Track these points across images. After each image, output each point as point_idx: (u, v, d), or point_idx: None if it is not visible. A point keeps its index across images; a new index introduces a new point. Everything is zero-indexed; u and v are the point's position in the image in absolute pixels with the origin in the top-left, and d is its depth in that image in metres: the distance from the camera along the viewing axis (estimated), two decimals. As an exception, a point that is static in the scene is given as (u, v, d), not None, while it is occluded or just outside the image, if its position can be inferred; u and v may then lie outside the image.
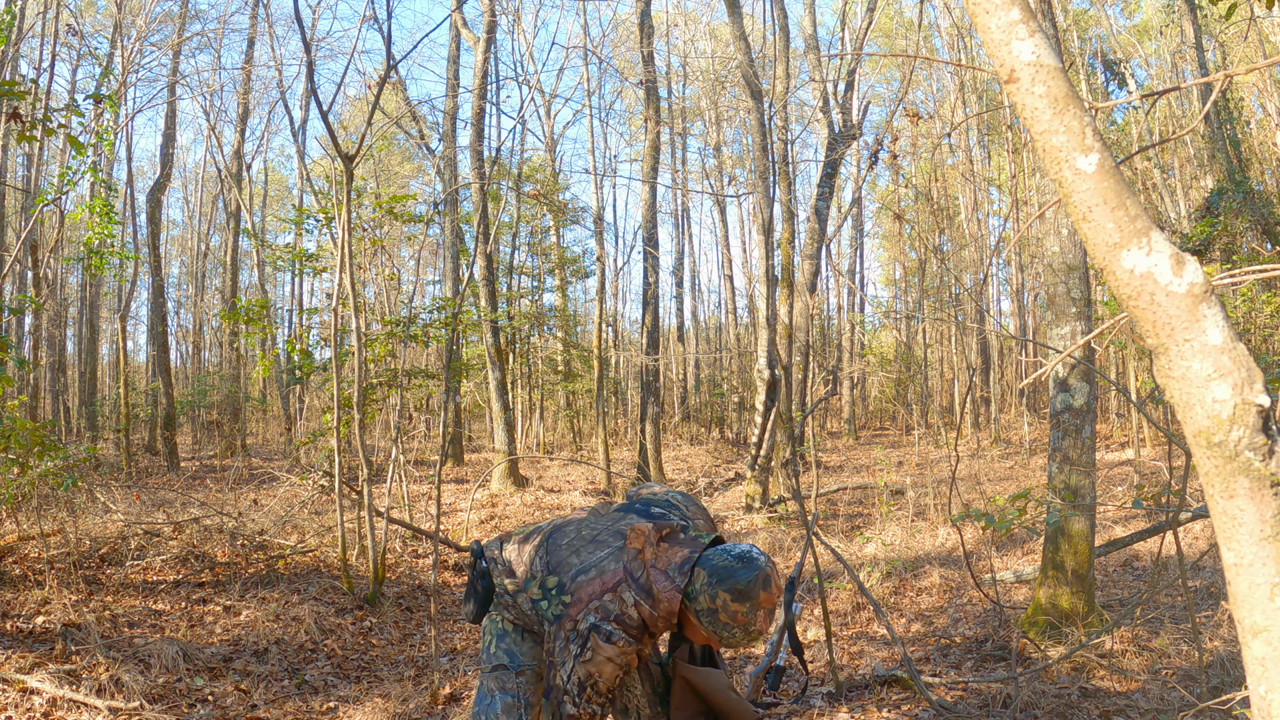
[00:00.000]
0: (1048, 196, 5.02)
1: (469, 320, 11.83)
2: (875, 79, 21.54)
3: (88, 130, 8.50)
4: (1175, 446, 4.48)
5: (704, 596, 2.01)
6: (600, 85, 21.87)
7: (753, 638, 2.03)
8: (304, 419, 16.41)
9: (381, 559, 5.65)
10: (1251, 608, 1.22)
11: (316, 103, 5.63)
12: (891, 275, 29.03)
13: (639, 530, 2.12)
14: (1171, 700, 3.50)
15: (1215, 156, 12.03)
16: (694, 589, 2.03)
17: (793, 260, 9.94)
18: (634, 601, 2.03)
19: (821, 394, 15.04)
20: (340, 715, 3.90)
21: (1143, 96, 2.22)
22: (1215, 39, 14.29)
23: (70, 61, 17.15)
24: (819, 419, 20.48)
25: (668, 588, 2.04)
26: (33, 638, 4.15)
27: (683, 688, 2.38)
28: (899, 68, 18.85)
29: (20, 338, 14.50)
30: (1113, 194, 1.30)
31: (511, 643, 2.26)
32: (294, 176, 28.54)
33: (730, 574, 2.01)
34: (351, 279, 5.54)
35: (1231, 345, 1.22)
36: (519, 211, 18.29)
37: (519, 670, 2.22)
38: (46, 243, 14.59)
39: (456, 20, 13.83)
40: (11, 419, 5.30)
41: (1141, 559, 6.13)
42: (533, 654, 2.24)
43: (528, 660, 2.23)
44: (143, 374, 23.01)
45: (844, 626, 5.13)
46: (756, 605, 2.00)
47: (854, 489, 10.38)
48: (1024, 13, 1.36)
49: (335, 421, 5.54)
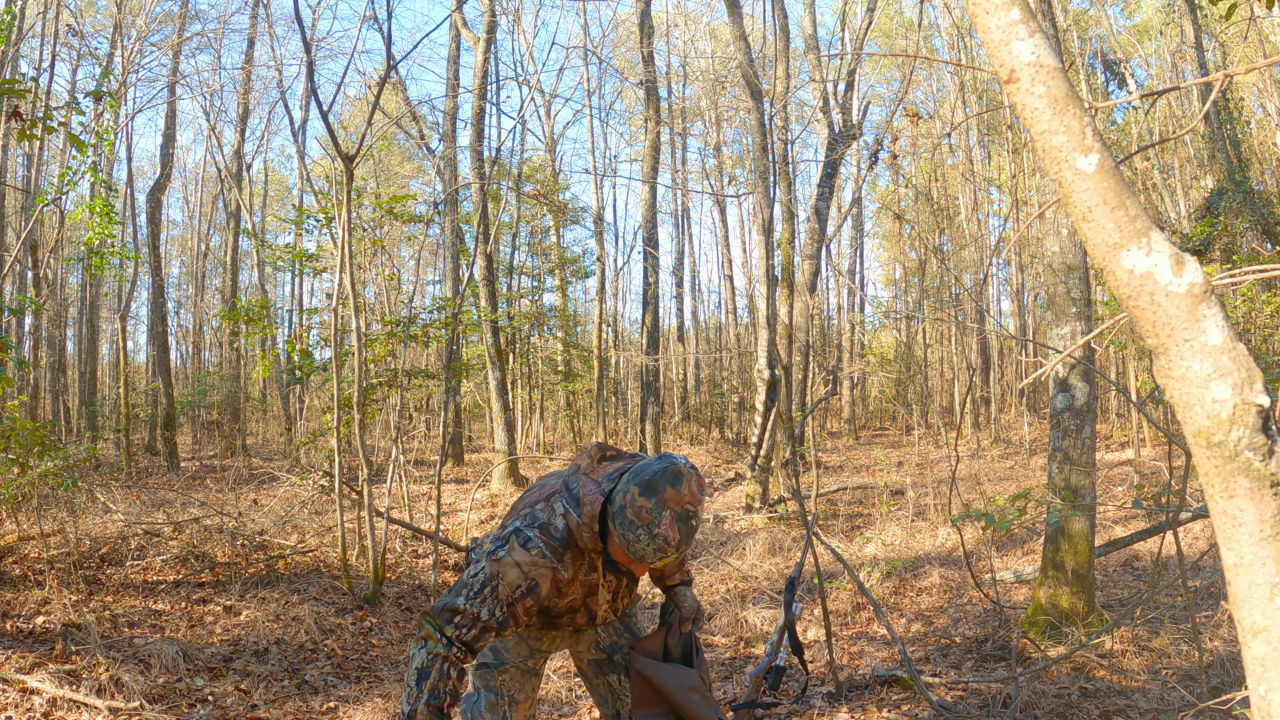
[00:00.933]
0: (1048, 196, 5.02)
1: (469, 320, 11.83)
2: (875, 79, 21.55)
3: (88, 130, 8.50)
4: (1175, 446, 4.48)
5: (619, 496, 1.89)
6: (600, 85, 21.90)
7: (659, 548, 1.84)
8: (304, 419, 16.41)
9: (381, 559, 5.65)
10: (1251, 608, 1.22)
11: (316, 103, 5.63)
12: (891, 275, 29.04)
13: (584, 449, 2.10)
14: (1171, 700, 3.50)
15: (1215, 156, 12.03)
16: (615, 491, 1.93)
17: (793, 260, 9.94)
18: (563, 511, 1.96)
19: (821, 394, 15.04)
20: (340, 715, 3.90)
21: (1143, 96, 2.22)
22: (1215, 39, 14.29)
23: (70, 61, 17.16)
24: (819, 419, 20.48)
25: (593, 492, 1.96)
26: (33, 638, 4.15)
27: (640, 682, 2.27)
28: (899, 68, 18.85)
29: (20, 338, 14.50)
30: (1113, 194, 1.30)
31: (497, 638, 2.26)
32: (294, 176, 28.55)
33: (645, 469, 1.89)
34: (351, 279, 5.54)
35: (1231, 345, 1.22)
36: (519, 211, 18.29)
37: (501, 668, 2.22)
38: (46, 243, 14.59)
39: (456, 20, 13.83)
40: (11, 419, 5.30)
41: (1141, 559, 6.13)
42: (517, 649, 2.24)
43: (511, 657, 2.23)
44: (143, 374, 23.02)
45: (844, 626, 5.13)
46: (663, 502, 1.83)
47: (854, 489, 10.38)
48: (1024, 13, 1.36)
49: (335, 421, 5.54)
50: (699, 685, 2.26)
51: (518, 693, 2.22)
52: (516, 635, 2.26)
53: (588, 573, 2.06)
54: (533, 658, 2.27)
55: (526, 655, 2.25)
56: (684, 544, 1.87)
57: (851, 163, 19.88)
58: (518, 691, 2.22)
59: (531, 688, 2.27)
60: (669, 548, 1.85)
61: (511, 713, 2.19)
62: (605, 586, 2.14)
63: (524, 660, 2.24)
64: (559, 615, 2.17)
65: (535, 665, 2.28)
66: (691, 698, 2.24)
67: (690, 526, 1.87)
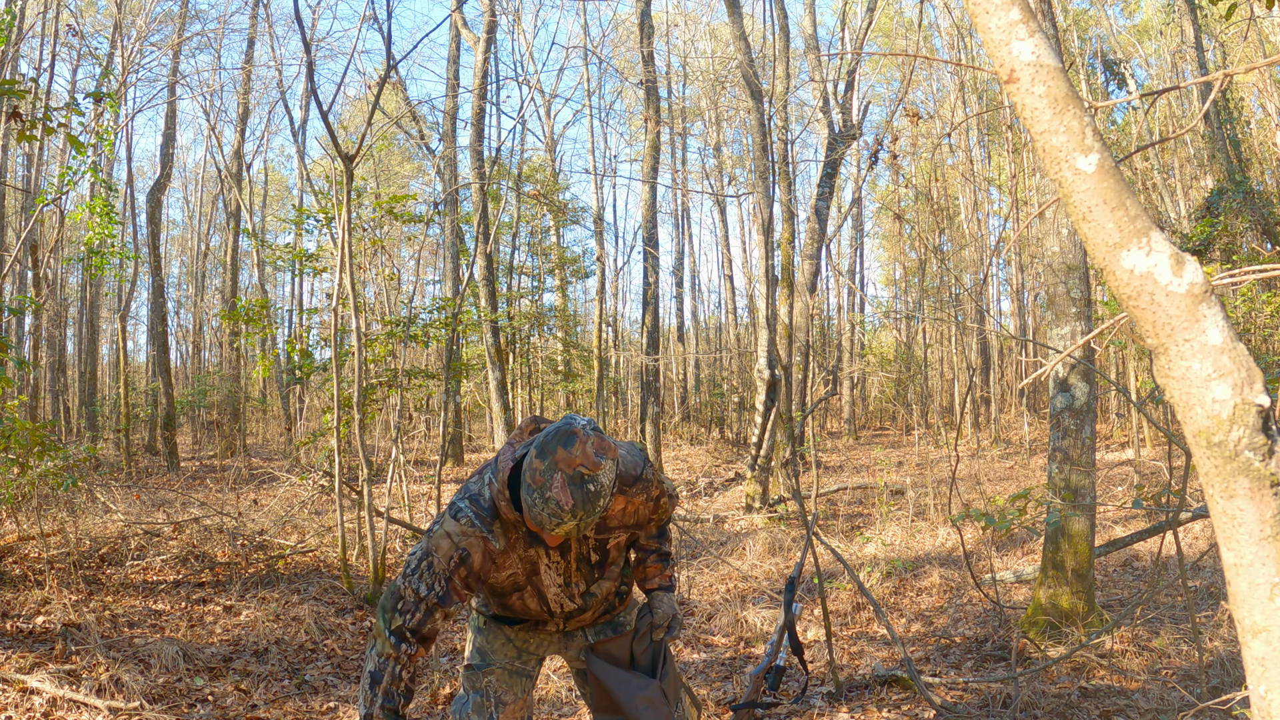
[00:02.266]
0: (1048, 196, 5.02)
1: (469, 320, 11.83)
2: (875, 79, 21.56)
3: (88, 130, 8.50)
4: (1175, 446, 4.48)
5: (524, 461, 1.84)
6: (600, 85, 21.90)
7: (553, 513, 1.75)
8: (304, 419, 16.40)
9: (381, 559, 5.65)
10: (1251, 608, 1.22)
11: (316, 103, 5.63)
12: (891, 275, 29.05)
13: (518, 423, 2.10)
14: (1171, 700, 3.49)
15: (1215, 156, 12.03)
16: (524, 458, 1.89)
17: (793, 260, 9.94)
18: (489, 480, 1.95)
19: (821, 394, 15.04)
20: (340, 715, 3.90)
21: (1143, 96, 2.23)
22: (1215, 39, 14.29)
23: (70, 61, 17.16)
24: (819, 419, 20.48)
25: (506, 458, 1.93)
26: (33, 638, 4.15)
27: (596, 686, 2.20)
28: (899, 68, 18.85)
29: (20, 338, 14.50)
30: (1113, 194, 1.30)
31: (484, 639, 2.24)
32: (294, 176, 28.55)
33: (545, 432, 1.82)
34: (351, 279, 5.54)
35: (1231, 345, 1.22)
36: (519, 211, 18.29)
37: (487, 669, 2.20)
38: (46, 243, 14.59)
39: (456, 20, 13.83)
40: (11, 419, 5.30)
41: (1141, 559, 6.13)
42: (504, 650, 2.22)
43: (498, 658, 2.21)
44: (143, 374, 23.02)
45: (844, 626, 5.13)
46: (554, 464, 1.75)
47: (854, 489, 10.38)
48: (1024, 13, 1.36)
49: (335, 421, 5.54)
50: (652, 697, 2.13)
51: (505, 694, 2.18)
52: (504, 636, 2.22)
53: (525, 547, 1.99)
54: (521, 658, 2.23)
55: (514, 656, 2.22)
56: (580, 509, 1.76)
57: (851, 163, 19.88)
58: (505, 693, 2.18)
59: (521, 689, 2.22)
60: (562, 512, 1.75)
61: (499, 714, 2.16)
62: (552, 567, 2.04)
63: (511, 661, 2.21)
64: (508, 595, 2.08)
65: (525, 667, 2.23)
66: (639, 708, 2.12)
67: (586, 491, 1.75)
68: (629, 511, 2.11)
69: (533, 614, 2.15)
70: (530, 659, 2.26)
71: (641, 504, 2.12)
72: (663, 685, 2.17)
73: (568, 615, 2.20)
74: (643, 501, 2.12)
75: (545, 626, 2.23)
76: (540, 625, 2.23)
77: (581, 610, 2.19)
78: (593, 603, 2.19)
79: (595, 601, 2.21)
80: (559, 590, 2.10)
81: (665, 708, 2.14)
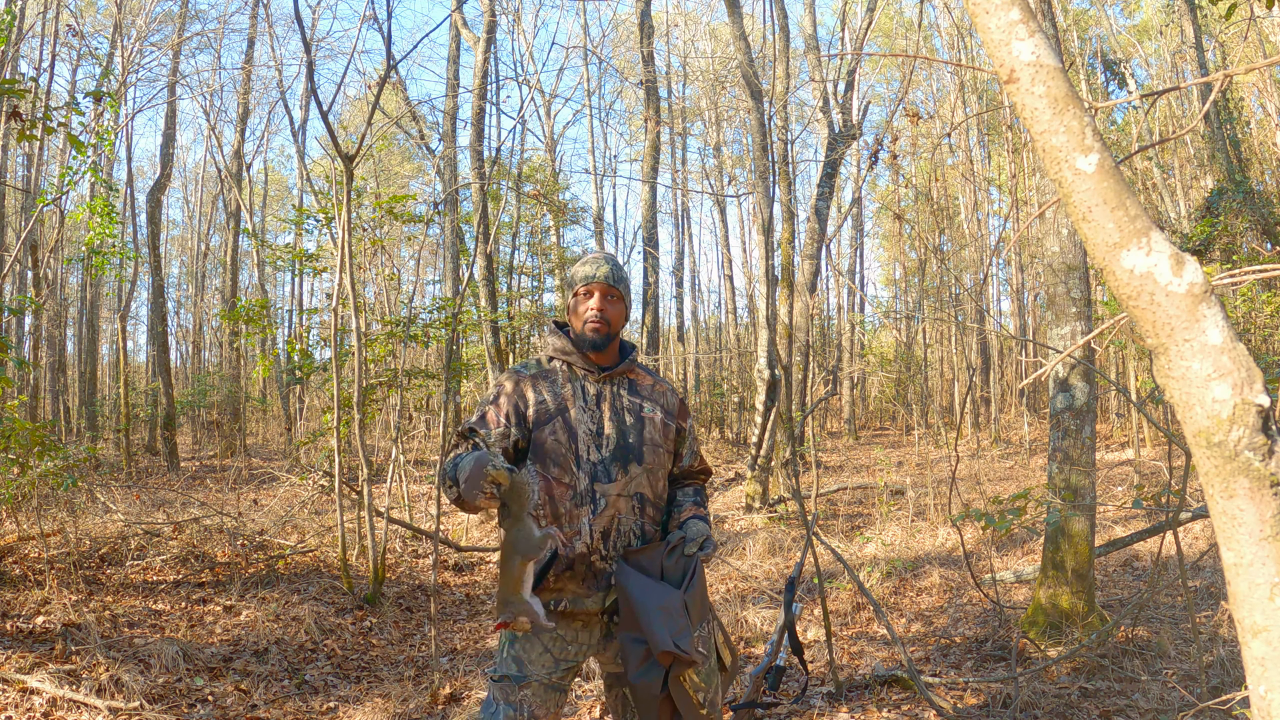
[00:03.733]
0: (1048, 196, 5.02)
1: (469, 320, 11.83)
2: (875, 79, 21.55)
3: (88, 130, 8.50)
4: (1175, 446, 4.48)
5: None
6: (600, 85, 21.91)
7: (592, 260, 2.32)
8: (304, 419, 16.40)
9: (381, 559, 5.65)
10: (1251, 608, 1.22)
11: (316, 103, 5.63)
12: (891, 275, 29.05)
13: None
14: (1171, 700, 3.50)
15: (1215, 156, 12.03)
16: None
17: (793, 260, 9.94)
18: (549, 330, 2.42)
19: (821, 394, 15.04)
20: (340, 715, 3.90)
21: (1143, 96, 2.22)
22: (1215, 39, 14.29)
23: (70, 61, 17.16)
24: (819, 419, 20.48)
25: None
26: (33, 638, 4.15)
27: (621, 597, 2.13)
28: (899, 68, 18.85)
29: (20, 338, 14.50)
30: (1113, 194, 1.30)
31: (520, 649, 2.20)
32: (294, 176, 28.56)
33: None
34: (351, 279, 5.54)
35: (1231, 345, 1.22)
36: (519, 211, 18.29)
37: (524, 682, 2.17)
38: (46, 243, 14.59)
39: (456, 20, 13.83)
40: (11, 419, 5.30)
41: (1141, 559, 6.13)
42: (541, 661, 2.19)
43: (535, 670, 2.18)
44: (143, 374, 23.02)
45: (844, 626, 5.13)
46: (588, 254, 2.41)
47: (854, 489, 10.38)
48: (1024, 13, 1.36)
49: (335, 421, 5.54)
50: (669, 607, 2.06)
51: (539, 708, 2.17)
52: (541, 645, 2.19)
53: (561, 384, 2.29)
54: (557, 671, 2.20)
55: (551, 669, 2.19)
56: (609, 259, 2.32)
57: (851, 163, 19.88)
58: (539, 707, 2.17)
59: (555, 703, 2.20)
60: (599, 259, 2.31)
61: None
62: (585, 411, 2.26)
63: (549, 675, 2.19)
64: (543, 428, 2.23)
65: (560, 681, 2.21)
66: (654, 615, 2.05)
67: (611, 256, 2.35)
68: (658, 391, 2.38)
69: (562, 456, 2.20)
70: (566, 672, 2.22)
71: (668, 391, 2.40)
72: (685, 598, 2.11)
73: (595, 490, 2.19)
74: (668, 390, 2.40)
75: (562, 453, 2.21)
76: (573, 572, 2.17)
77: (609, 478, 2.20)
78: (625, 483, 2.22)
79: (627, 486, 2.23)
80: (589, 435, 2.24)
81: (683, 620, 2.07)
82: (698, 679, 2.12)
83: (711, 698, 2.17)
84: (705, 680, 2.14)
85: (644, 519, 2.25)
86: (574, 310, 2.31)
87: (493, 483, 1.90)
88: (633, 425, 2.27)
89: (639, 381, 2.36)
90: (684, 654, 2.03)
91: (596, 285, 2.28)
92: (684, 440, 2.42)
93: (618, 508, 2.21)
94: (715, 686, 2.19)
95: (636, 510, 2.23)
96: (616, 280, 2.30)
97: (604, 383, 2.30)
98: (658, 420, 2.31)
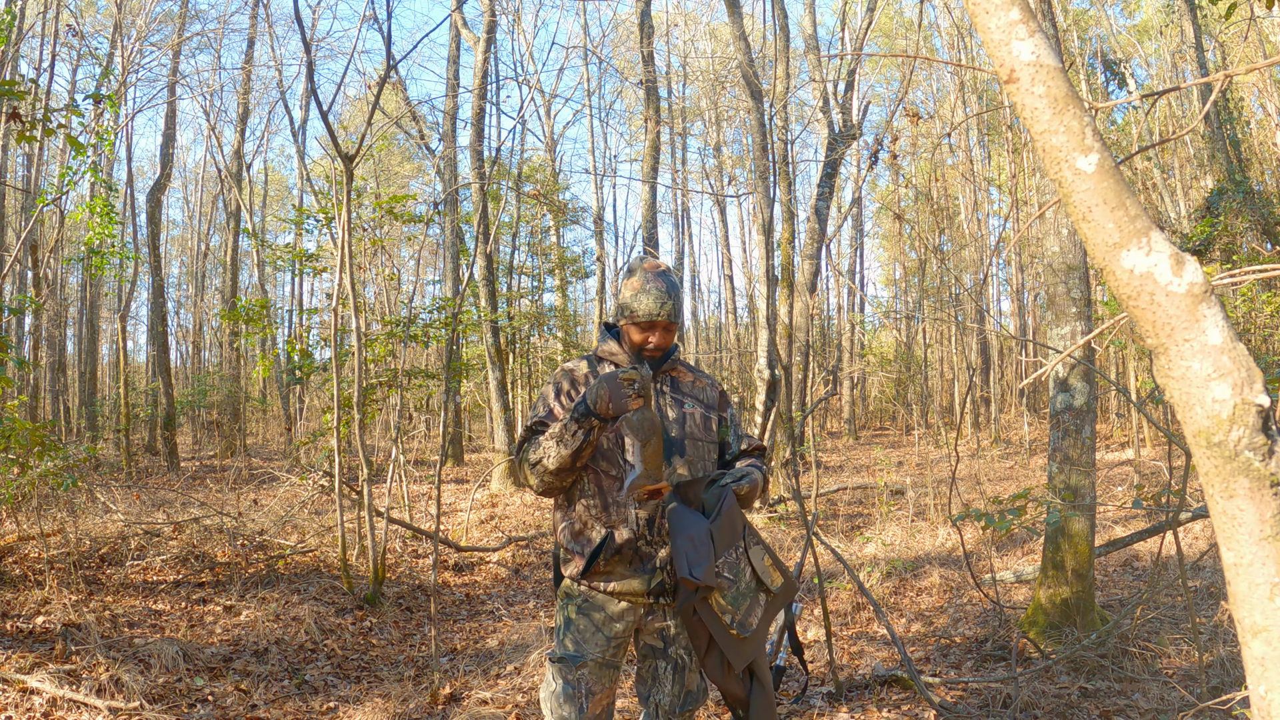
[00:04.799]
0: (1048, 196, 5.02)
1: (469, 320, 11.83)
2: (875, 79, 21.56)
3: (88, 130, 8.50)
4: (1175, 446, 4.48)
5: (615, 317, 2.48)
6: (600, 85, 21.91)
7: (656, 298, 2.34)
8: (304, 419, 16.41)
9: (381, 559, 5.65)
10: (1251, 608, 1.22)
11: (316, 103, 5.63)
12: (891, 275, 29.06)
13: None
14: (1171, 700, 3.50)
15: (1215, 156, 12.03)
16: None
17: (793, 260, 9.94)
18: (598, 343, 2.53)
19: (821, 394, 15.04)
20: (340, 715, 3.90)
21: (1143, 96, 2.22)
22: (1215, 39, 14.29)
23: (70, 61, 17.16)
24: (819, 419, 20.47)
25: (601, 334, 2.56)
26: (33, 638, 4.15)
27: (666, 522, 2.30)
28: (899, 68, 18.85)
29: (20, 338, 14.50)
30: (1113, 194, 1.30)
31: (576, 631, 2.38)
32: (294, 176, 28.56)
33: (623, 270, 2.56)
34: (351, 279, 5.54)
35: (1231, 345, 1.22)
36: (519, 211, 18.29)
37: (580, 662, 2.36)
38: (46, 243, 14.59)
39: (456, 20, 13.83)
40: (11, 419, 5.30)
41: (1141, 559, 6.13)
42: (594, 640, 2.37)
43: (591, 649, 2.36)
44: (143, 374, 23.02)
45: (844, 626, 5.13)
46: (642, 272, 2.39)
47: (854, 489, 10.38)
48: (1024, 13, 1.36)
49: (335, 421, 5.54)
50: (695, 535, 2.20)
51: (594, 685, 2.36)
52: (594, 625, 2.38)
53: None
54: (610, 649, 2.38)
55: (604, 647, 2.37)
56: (670, 291, 2.36)
57: (851, 163, 19.89)
58: (595, 684, 2.36)
59: (609, 679, 2.40)
60: (662, 294, 2.35)
61: (588, 704, 2.35)
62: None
63: (603, 653, 2.37)
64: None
65: (613, 658, 2.40)
66: (680, 543, 2.19)
67: (669, 279, 2.39)
68: (698, 386, 2.51)
69: (610, 452, 2.35)
70: (619, 649, 2.41)
71: (707, 385, 2.54)
72: (713, 528, 2.22)
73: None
74: (708, 384, 2.54)
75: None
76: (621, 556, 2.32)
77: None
78: (668, 475, 2.37)
79: (670, 477, 2.37)
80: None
81: (706, 548, 2.19)
82: (724, 601, 2.23)
83: (743, 619, 2.27)
84: (732, 603, 2.25)
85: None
86: (630, 333, 2.42)
87: (629, 382, 2.18)
88: (675, 420, 2.42)
89: (680, 379, 2.49)
90: (698, 581, 2.15)
91: (659, 322, 2.38)
92: (728, 428, 2.55)
93: (664, 491, 2.35)
94: (748, 609, 2.29)
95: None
96: (676, 314, 2.40)
97: None
98: (698, 416, 2.46)
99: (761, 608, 2.32)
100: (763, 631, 2.33)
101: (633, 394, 2.18)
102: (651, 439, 2.18)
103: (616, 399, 2.18)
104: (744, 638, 2.25)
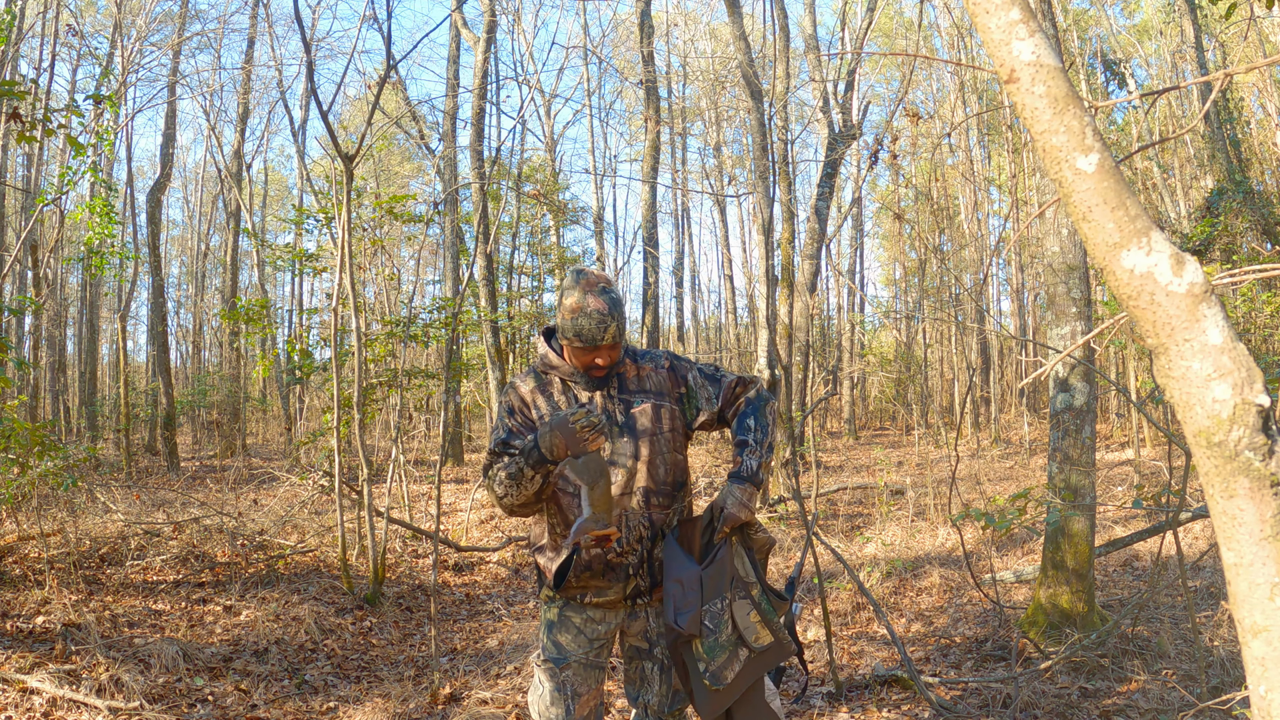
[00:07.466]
0: (1048, 196, 5.02)
1: (469, 320, 11.83)
2: (875, 79, 21.56)
3: (88, 130, 8.50)
4: (1175, 446, 4.48)
5: (553, 322, 2.35)
6: (600, 85, 21.91)
7: (598, 321, 2.20)
8: (304, 419, 16.40)
9: (381, 559, 5.65)
10: (1251, 608, 1.22)
11: (316, 103, 5.63)
12: (891, 275, 29.05)
13: None
14: (1171, 700, 3.49)
15: (1215, 156, 12.03)
16: None
17: (793, 260, 9.95)
18: (539, 353, 2.43)
19: (821, 394, 15.04)
20: (340, 715, 3.90)
21: (1143, 96, 2.23)
22: (1215, 39, 14.29)
23: (70, 61, 17.16)
24: (819, 419, 20.47)
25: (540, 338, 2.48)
26: (33, 638, 4.15)
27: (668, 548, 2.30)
28: (899, 68, 18.85)
29: (20, 338, 14.50)
30: (1113, 194, 1.29)
31: (559, 633, 2.39)
32: (294, 176, 28.56)
33: (561, 284, 2.34)
34: (351, 279, 5.54)
35: (1231, 345, 1.22)
36: (519, 211, 18.29)
37: (565, 663, 2.37)
38: (46, 243, 14.59)
39: (456, 20, 13.83)
40: (11, 419, 5.30)
41: (1141, 559, 6.13)
42: (577, 642, 2.38)
43: (574, 650, 2.37)
44: (143, 374, 23.02)
45: (844, 626, 5.13)
46: (582, 287, 2.24)
47: (854, 489, 10.37)
48: (1024, 13, 1.36)
49: (335, 421, 5.54)
50: (684, 579, 2.19)
51: (580, 685, 2.37)
52: (574, 628, 2.37)
53: (554, 397, 2.37)
54: (593, 650, 2.39)
55: (587, 648, 2.38)
56: (613, 312, 2.22)
57: (851, 163, 19.88)
58: (580, 684, 2.37)
59: (595, 680, 2.40)
60: (604, 316, 2.21)
61: (574, 705, 2.36)
62: None
63: (586, 655, 2.38)
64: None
65: (597, 658, 2.40)
66: (670, 587, 2.21)
67: (612, 297, 2.24)
68: (644, 374, 2.40)
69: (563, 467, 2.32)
70: (602, 649, 2.41)
71: (652, 371, 2.42)
72: (703, 574, 2.20)
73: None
74: (652, 369, 2.42)
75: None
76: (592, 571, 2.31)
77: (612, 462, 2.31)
78: (625, 481, 2.31)
79: (629, 484, 2.31)
80: None
81: (694, 594, 2.18)
82: (700, 650, 2.19)
83: (717, 670, 2.19)
84: (708, 653, 2.18)
85: (650, 510, 2.35)
86: (570, 352, 2.30)
87: (584, 426, 2.11)
88: (623, 424, 2.35)
89: (626, 375, 2.39)
90: (681, 630, 2.15)
91: (603, 346, 2.26)
92: (693, 399, 2.43)
93: (622, 505, 2.32)
94: (724, 662, 2.20)
95: (641, 504, 2.34)
96: (619, 335, 2.28)
97: (593, 388, 2.37)
98: (648, 410, 2.36)
99: (740, 663, 2.22)
100: (738, 687, 2.23)
101: (590, 436, 2.12)
102: (599, 481, 2.13)
103: (573, 445, 2.12)
104: (716, 689, 2.19)
